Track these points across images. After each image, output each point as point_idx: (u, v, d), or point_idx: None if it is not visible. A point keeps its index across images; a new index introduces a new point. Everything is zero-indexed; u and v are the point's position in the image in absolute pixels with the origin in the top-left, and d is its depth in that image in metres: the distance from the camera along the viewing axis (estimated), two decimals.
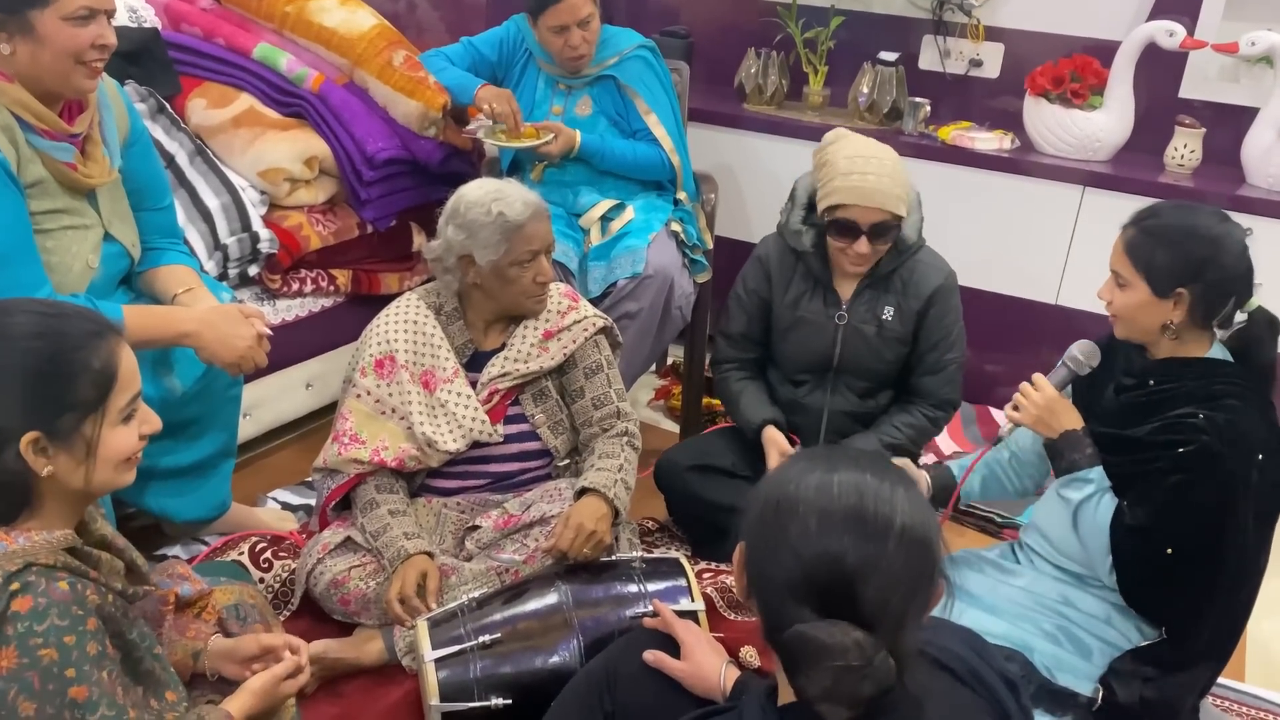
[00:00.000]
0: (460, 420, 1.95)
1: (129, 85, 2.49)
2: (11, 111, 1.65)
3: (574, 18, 2.51)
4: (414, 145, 2.66)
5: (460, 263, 1.95)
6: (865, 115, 3.10)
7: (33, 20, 1.62)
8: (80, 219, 1.77)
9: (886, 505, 0.92)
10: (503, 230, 1.89)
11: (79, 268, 1.76)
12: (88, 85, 1.71)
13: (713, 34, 3.37)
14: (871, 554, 0.90)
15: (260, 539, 2.17)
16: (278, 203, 2.56)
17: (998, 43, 3.09)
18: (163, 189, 2.03)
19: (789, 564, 0.92)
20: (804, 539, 0.92)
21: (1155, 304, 1.62)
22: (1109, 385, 1.74)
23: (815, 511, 0.93)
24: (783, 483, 0.97)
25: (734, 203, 3.14)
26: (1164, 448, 1.60)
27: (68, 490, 1.21)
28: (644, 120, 2.66)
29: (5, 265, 1.62)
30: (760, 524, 0.97)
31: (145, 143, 1.97)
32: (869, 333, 2.17)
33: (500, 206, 1.89)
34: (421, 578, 1.80)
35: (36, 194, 1.69)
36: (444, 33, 3.21)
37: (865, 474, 0.95)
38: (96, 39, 1.67)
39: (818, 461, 0.97)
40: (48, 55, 1.64)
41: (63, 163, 1.71)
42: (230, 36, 2.70)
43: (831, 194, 2.03)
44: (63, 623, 1.11)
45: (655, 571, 1.82)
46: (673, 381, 3.11)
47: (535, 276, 1.94)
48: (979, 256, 2.83)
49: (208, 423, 2.09)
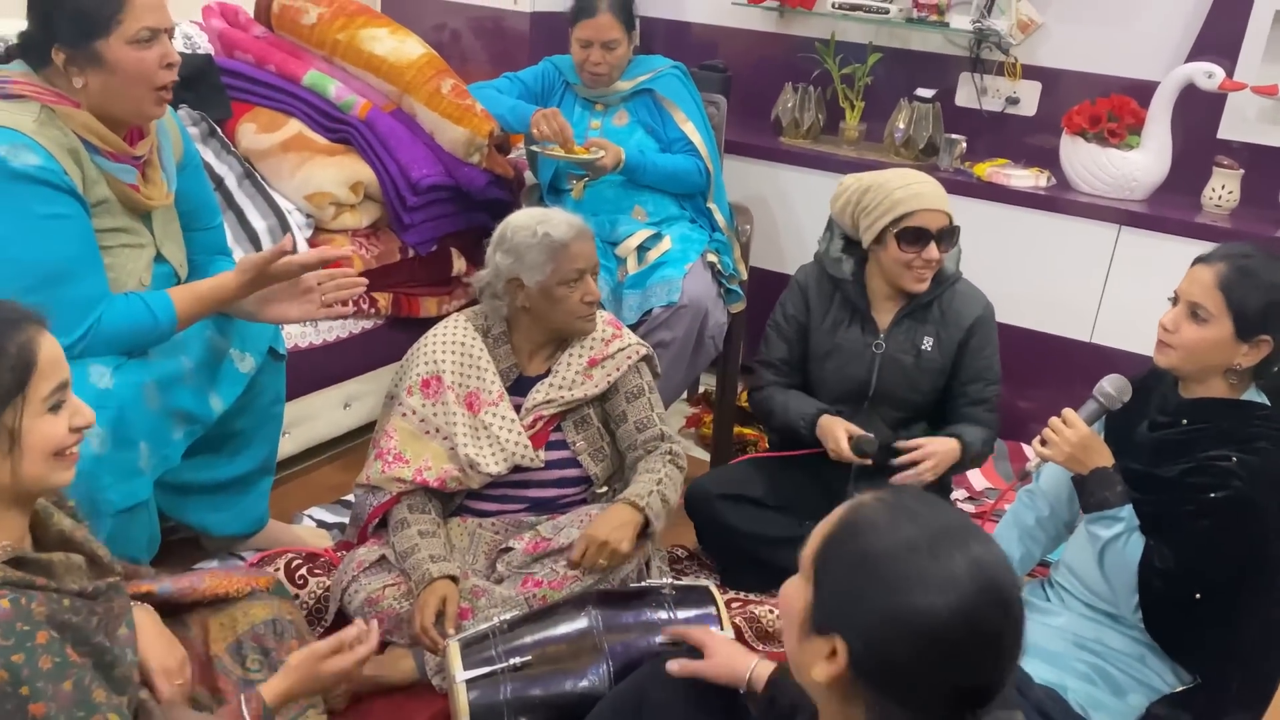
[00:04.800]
0: (503, 443, 1.98)
1: (183, 109, 2.57)
2: (78, 135, 1.69)
3: (599, 37, 2.65)
4: (457, 172, 2.72)
5: (509, 287, 1.98)
6: (901, 151, 3.12)
7: (99, 50, 1.65)
8: (136, 238, 1.82)
9: (1009, 573, 0.93)
10: (549, 251, 1.93)
11: (132, 284, 1.81)
12: (157, 112, 1.75)
13: (750, 68, 3.41)
14: (1014, 621, 0.91)
15: (296, 555, 2.19)
16: (323, 226, 2.62)
17: (1035, 81, 3.11)
18: (212, 209, 2.08)
19: (950, 592, 0.89)
20: (948, 628, 0.89)
21: (1231, 345, 1.59)
22: (1143, 421, 1.72)
23: (952, 599, 0.89)
24: (889, 569, 0.91)
25: (769, 234, 3.17)
26: (1195, 490, 1.59)
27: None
28: (681, 129, 2.74)
29: (72, 278, 1.67)
30: (878, 616, 0.91)
31: (196, 165, 2.02)
32: (906, 362, 2.18)
33: (545, 228, 1.94)
34: (441, 604, 1.82)
35: (100, 212, 1.74)
36: (487, 63, 3.28)
37: (973, 545, 0.92)
38: (163, 59, 1.70)
39: (923, 538, 0.92)
40: (119, 82, 1.68)
41: (126, 184, 1.76)
42: (281, 63, 2.77)
43: (894, 207, 2.04)
44: (7, 642, 1.08)
45: (685, 599, 1.83)
46: (704, 410, 3.13)
47: (583, 296, 1.98)
48: (1013, 292, 2.84)
49: (249, 439, 2.14)
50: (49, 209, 1.64)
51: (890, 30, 3.21)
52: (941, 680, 0.91)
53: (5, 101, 1.64)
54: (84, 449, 1.67)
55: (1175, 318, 1.64)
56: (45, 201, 1.63)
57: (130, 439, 1.75)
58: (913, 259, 2.06)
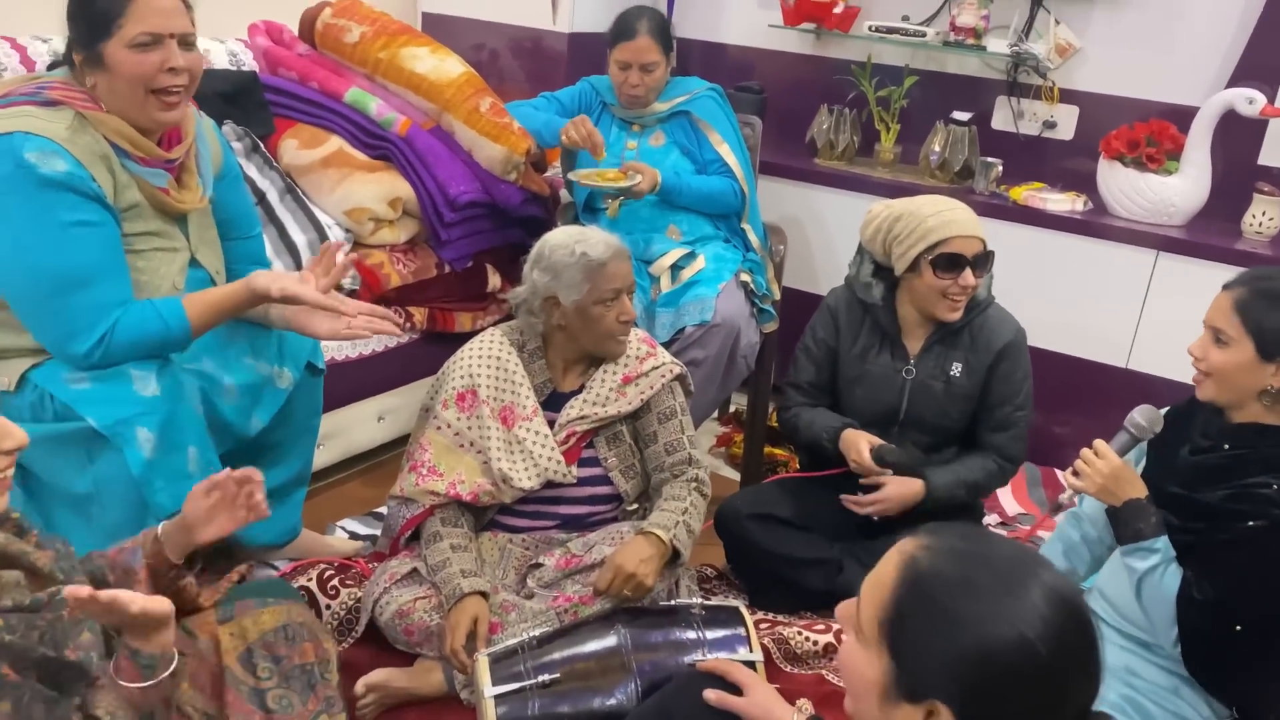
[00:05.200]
0: (536, 459, 1.99)
1: (227, 125, 2.61)
2: (110, 140, 1.71)
3: (638, 59, 2.68)
4: (494, 189, 2.74)
5: (545, 304, 1.99)
6: (936, 173, 3.12)
7: (102, 51, 1.66)
8: (170, 242, 1.84)
9: (1076, 588, 0.93)
10: (586, 270, 1.94)
11: (165, 288, 1.83)
12: (163, 117, 1.73)
13: (785, 90, 3.43)
14: (1096, 637, 0.90)
15: (328, 566, 2.21)
16: (361, 241, 2.65)
17: (1073, 105, 3.09)
18: (251, 220, 2.11)
19: (1035, 613, 0.88)
20: (1035, 600, 0.88)
21: (1257, 367, 1.59)
22: (1185, 444, 1.71)
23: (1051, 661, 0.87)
24: (990, 625, 0.88)
25: (802, 255, 3.18)
26: (1234, 517, 1.57)
27: None
28: (717, 150, 2.76)
29: (91, 284, 1.68)
30: (985, 670, 0.88)
31: (236, 176, 2.05)
32: (936, 388, 2.17)
33: (583, 247, 1.95)
34: (472, 623, 1.82)
35: (131, 216, 1.76)
36: (525, 83, 3.31)
37: (1035, 567, 0.91)
38: (163, 64, 1.67)
39: (993, 578, 0.90)
40: (118, 84, 1.67)
41: (156, 187, 1.77)
42: (324, 81, 2.82)
43: (927, 234, 2.04)
44: None
45: (714, 619, 1.83)
46: (734, 429, 3.13)
47: (619, 315, 1.99)
48: (1048, 317, 2.82)
49: (285, 451, 2.16)
50: (73, 215, 1.65)
51: (927, 53, 3.22)
52: (1050, 711, 0.89)
53: (42, 108, 1.67)
54: (134, 455, 1.71)
55: (1202, 344, 1.65)
56: (70, 208, 1.65)
57: (179, 443, 1.78)
58: (949, 285, 2.05)
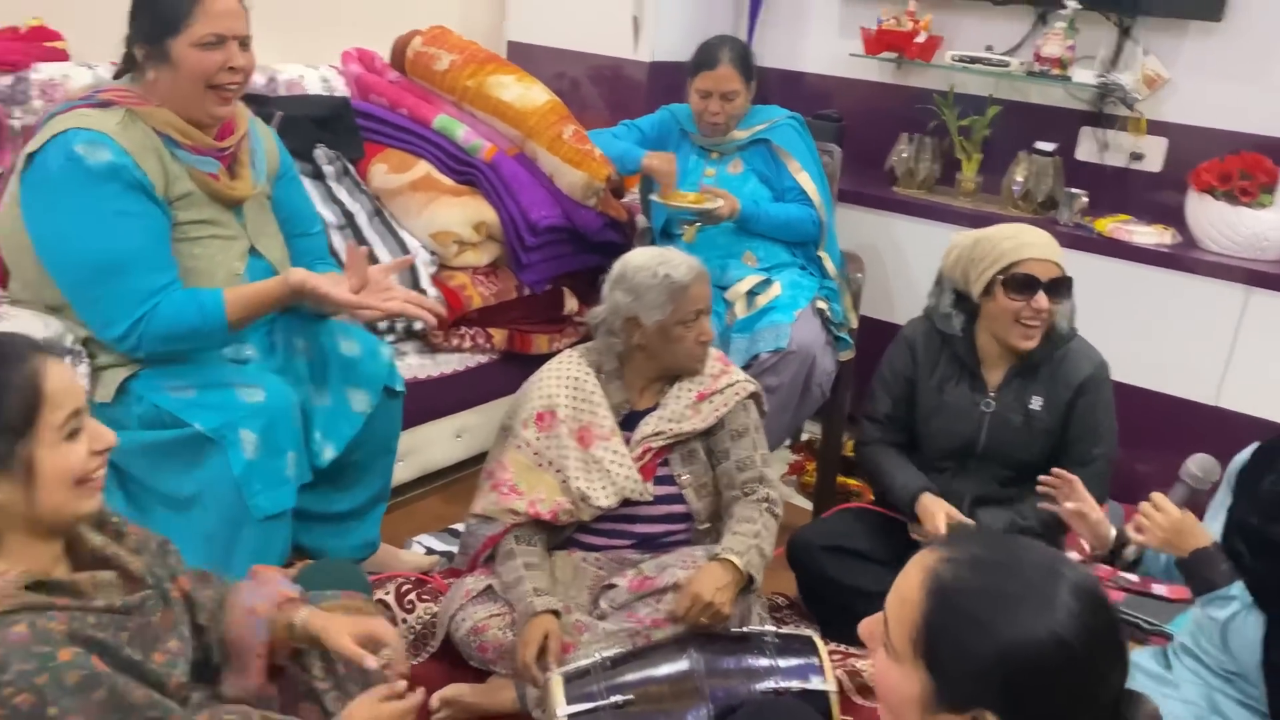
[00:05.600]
0: (614, 477, 2.01)
1: (319, 149, 2.71)
2: (160, 132, 1.80)
3: (719, 88, 2.70)
4: (575, 214, 2.79)
5: (626, 325, 2.02)
6: (1019, 204, 3.08)
7: (169, 47, 1.77)
8: (226, 230, 1.92)
9: (1089, 574, 0.94)
10: (669, 291, 1.97)
11: (223, 275, 1.90)
12: (219, 111, 1.84)
13: (864, 118, 3.42)
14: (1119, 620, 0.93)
15: (405, 581, 2.26)
16: (445, 263, 2.71)
17: (1161, 137, 3.04)
18: (311, 217, 2.19)
19: (1077, 618, 0.90)
20: (1073, 601, 0.90)
21: None
22: (1268, 476, 1.65)
23: (1085, 651, 0.89)
24: (1025, 627, 0.90)
25: (880, 283, 3.16)
26: None
27: (20, 521, 1.16)
28: (795, 178, 2.77)
29: (129, 271, 1.76)
30: (1027, 672, 0.90)
31: (293, 176, 2.14)
32: (1016, 422, 2.13)
33: (666, 269, 1.98)
34: (544, 640, 1.84)
35: (184, 205, 1.85)
36: (605, 110, 3.37)
37: (1052, 560, 0.93)
38: (225, 63, 1.79)
39: (1018, 579, 0.92)
40: (182, 79, 1.78)
41: (206, 174, 1.86)
42: (414, 107, 2.90)
43: (1002, 256, 2.03)
44: (28, 665, 1.07)
45: (788, 647, 1.82)
46: (806, 458, 3.11)
47: (698, 336, 2.02)
48: (1135, 351, 2.76)
49: (365, 471, 2.21)
50: (117, 205, 1.74)
51: (1010, 83, 3.19)
52: (1091, 701, 0.91)
53: (94, 109, 1.77)
54: (237, 456, 1.78)
55: None
56: (114, 197, 1.74)
57: (280, 447, 1.85)
58: (1021, 308, 2.02)
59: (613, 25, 3.33)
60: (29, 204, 1.77)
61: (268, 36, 2.76)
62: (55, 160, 1.72)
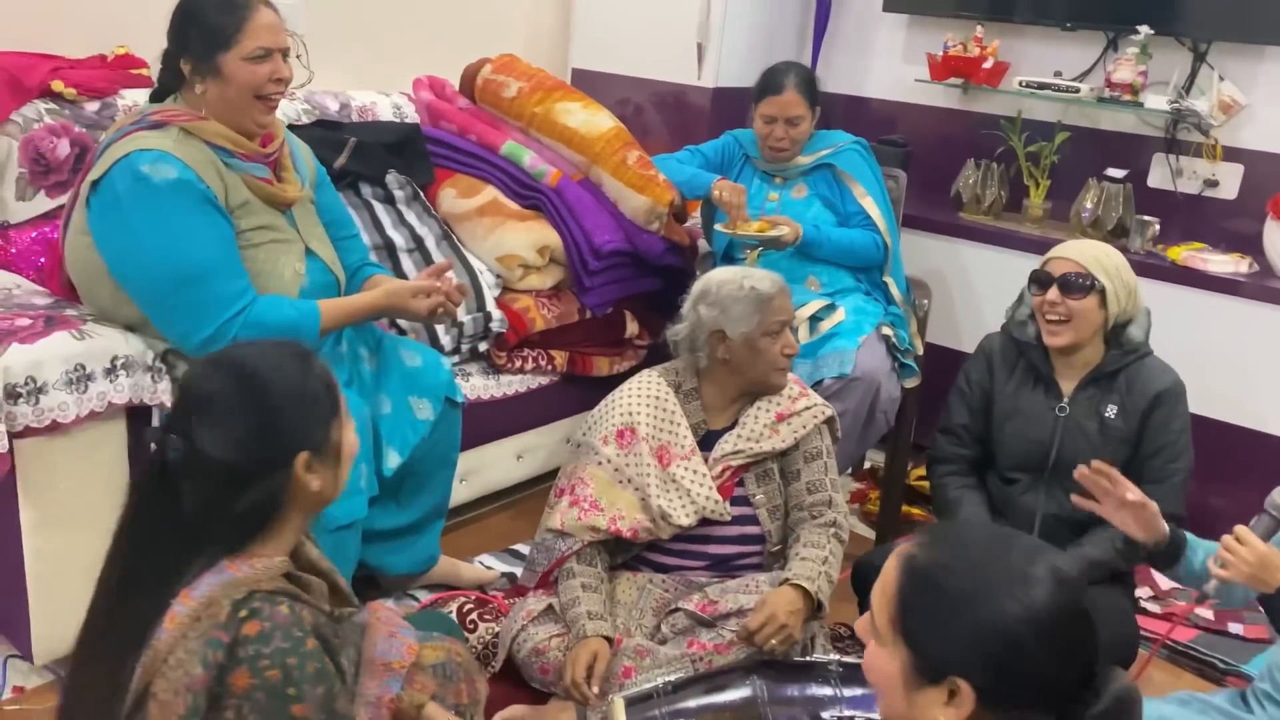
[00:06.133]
0: (694, 496, 2.02)
1: (391, 174, 2.76)
2: (212, 145, 1.88)
3: (784, 114, 2.71)
4: (637, 239, 2.81)
5: (711, 339, 2.05)
6: (1088, 231, 3.03)
7: (220, 62, 1.86)
8: (283, 234, 1.99)
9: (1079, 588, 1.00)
10: (756, 303, 2.01)
11: (289, 275, 1.98)
12: (264, 120, 1.94)
13: (930, 144, 3.40)
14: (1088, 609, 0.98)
15: (467, 600, 2.27)
16: (510, 286, 2.74)
17: (1236, 164, 2.97)
18: (349, 221, 2.27)
19: (1039, 609, 0.97)
20: (1049, 596, 0.97)
21: None
22: None
23: (1052, 624, 0.96)
24: (997, 594, 0.98)
25: (946, 310, 3.13)
26: None
27: (307, 508, 1.29)
28: (860, 203, 2.76)
29: (208, 279, 1.83)
30: (999, 638, 0.97)
31: (328, 183, 2.23)
32: (1090, 429, 2.11)
33: (751, 282, 2.03)
34: (593, 659, 1.84)
35: (244, 213, 1.92)
36: (668, 136, 3.39)
37: (1011, 536, 1.03)
38: (273, 74, 1.89)
39: (987, 552, 1.02)
40: (232, 91, 1.87)
41: (260, 179, 1.94)
42: (482, 134, 2.95)
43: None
44: (285, 644, 1.17)
45: (852, 677, 1.79)
46: (869, 486, 3.08)
47: (784, 348, 2.05)
48: (1209, 382, 2.69)
49: (423, 485, 2.25)
50: (186, 218, 1.81)
51: (1079, 109, 3.15)
52: (1065, 667, 0.97)
53: (149, 131, 1.85)
54: None
55: None
56: (185, 211, 1.81)
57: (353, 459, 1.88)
58: (1040, 303, 2.10)
59: (677, 52, 3.36)
60: (101, 228, 1.84)
61: (343, 64, 2.86)
62: (123, 182, 1.80)
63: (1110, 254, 2.11)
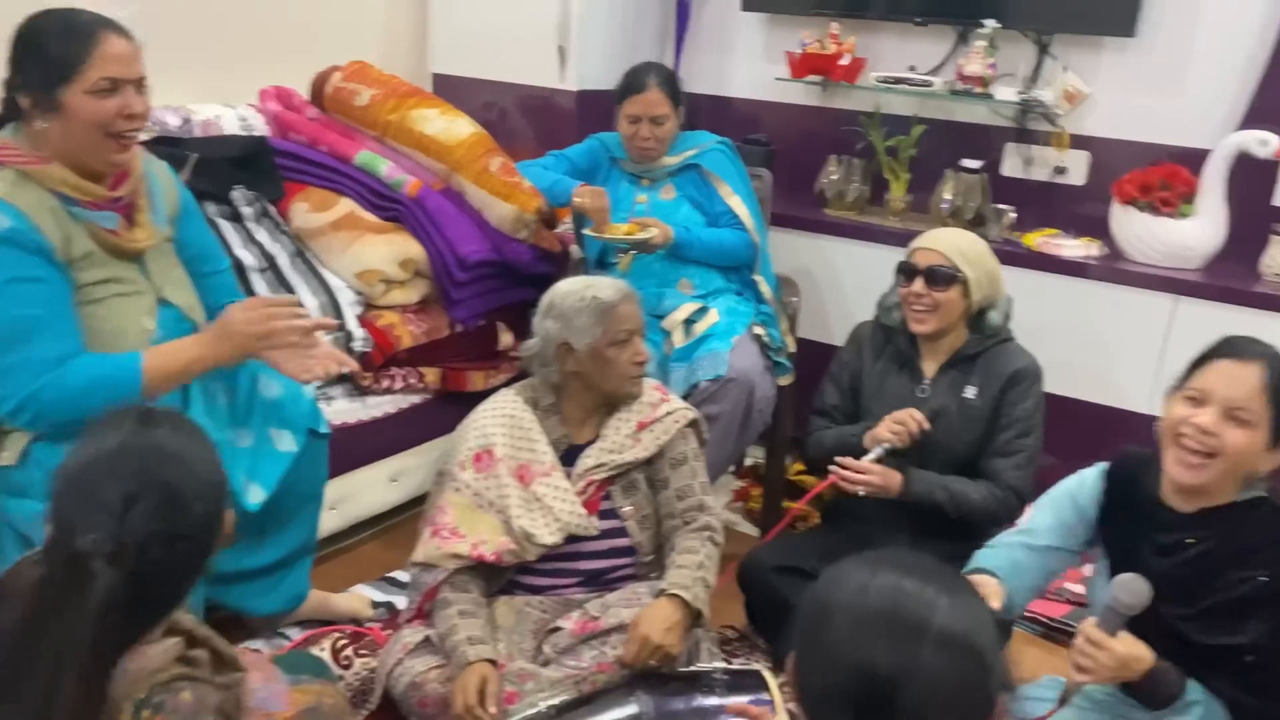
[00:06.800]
0: (557, 514, 1.97)
1: (237, 190, 2.62)
2: (54, 191, 1.71)
3: (648, 112, 2.70)
4: (505, 247, 2.74)
5: (559, 352, 2.00)
6: (948, 221, 3.10)
7: (61, 97, 1.68)
8: (130, 286, 1.82)
9: (924, 608, 0.89)
10: (597, 313, 1.96)
11: (134, 332, 1.81)
12: (117, 159, 1.76)
13: (793, 141, 3.43)
14: (905, 660, 0.87)
15: (341, 635, 2.18)
16: (373, 303, 2.64)
17: (1083, 150, 3.09)
18: (217, 254, 2.10)
19: (826, 672, 0.91)
20: (838, 646, 0.90)
21: (1264, 453, 1.50)
22: (1145, 543, 1.61)
23: (850, 617, 0.91)
24: (824, 588, 0.96)
25: (816, 306, 3.16)
26: (1233, 619, 1.49)
27: None
28: (727, 203, 2.76)
29: (28, 341, 1.66)
30: (803, 631, 0.95)
31: (194, 214, 2.04)
32: (950, 410, 2.19)
33: (593, 291, 1.98)
34: (482, 683, 1.78)
35: (86, 265, 1.75)
36: (534, 141, 3.33)
37: (907, 577, 0.92)
38: (122, 109, 1.71)
39: (864, 566, 0.95)
40: (77, 129, 1.69)
41: (106, 230, 1.77)
42: (334, 144, 2.84)
43: (909, 248, 2.22)
44: None
45: (737, 684, 1.78)
46: (751, 483, 3.09)
47: (632, 356, 2.00)
48: (1067, 362, 2.78)
49: (288, 521, 2.12)
50: (15, 271, 1.66)
51: (935, 102, 3.22)
52: None
53: None
54: None
55: (1216, 422, 1.49)
56: (13, 264, 1.65)
57: None
58: (907, 294, 2.18)
59: (538, 55, 3.30)
60: None
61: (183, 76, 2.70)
62: None
63: (974, 243, 2.20)
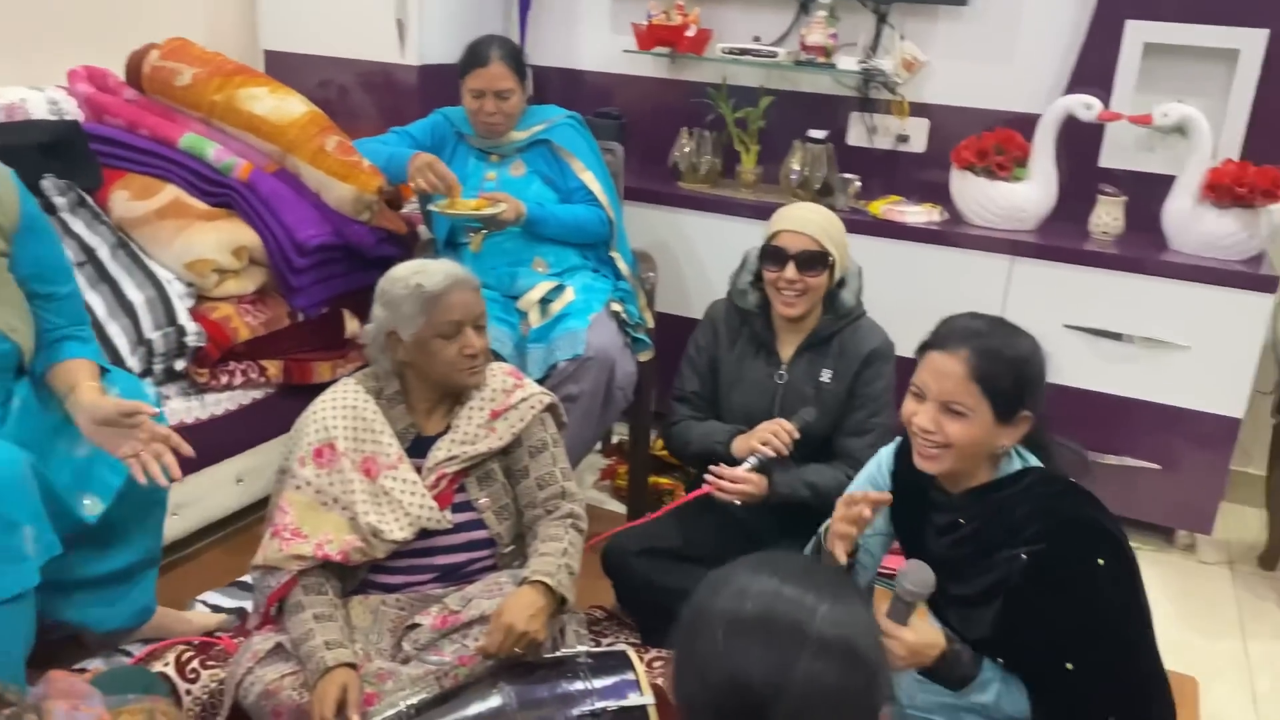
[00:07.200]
0: (406, 507, 1.89)
1: (48, 179, 2.43)
2: None
3: (492, 86, 2.62)
4: (347, 230, 2.63)
5: (388, 340, 1.91)
6: (798, 192, 3.14)
7: None
8: None
9: (803, 614, 0.85)
10: (420, 302, 1.86)
11: None
12: None
13: (645, 115, 3.41)
14: (780, 669, 0.82)
15: (187, 647, 2.06)
16: (205, 294, 2.49)
17: (923, 118, 3.17)
18: (62, 275, 1.92)
19: (699, 682, 0.86)
20: (711, 655, 0.85)
21: (994, 430, 1.53)
22: (927, 524, 1.65)
23: (724, 624, 0.86)
24: (704, 593, 0.91)
25: (673, 280, 3.15)
26: (1019, 593, 1.50)
27: None
28: (580, 178, 2.71)
29: None
30: (679, 639, 0.90)
31: (40, 227, 1.86)
32: (808, 394, 2.20)
33: (419, 279, 1.87)
34: (342, 692, 1.70)
35: None
36: (376, 118, 3.20)
37: (786, 583, 0.88)
38: None
39: (745, 570, 0.91)
40: None
41: None
42: (155, 127, 2.66)
43: (768, 229, 2.16)
44: None
45: (602, 666, 1.76)
46: (618, 461, 3.07)
47: (461, 349, 1.89)
48: (915, 327, 2.80)
49: (130, 529, 1.98)
50: None
51: (780, 73, 3.25)
52: None
53: None
54: None
55: (934, 418, 1.54)
56: None
57: (13, 521, 1.62)
58: (776, 279, 2.13)
59: (376, 29, 3.17)
60: None
61: None
62: None
63: (833, 220, 2.18)
